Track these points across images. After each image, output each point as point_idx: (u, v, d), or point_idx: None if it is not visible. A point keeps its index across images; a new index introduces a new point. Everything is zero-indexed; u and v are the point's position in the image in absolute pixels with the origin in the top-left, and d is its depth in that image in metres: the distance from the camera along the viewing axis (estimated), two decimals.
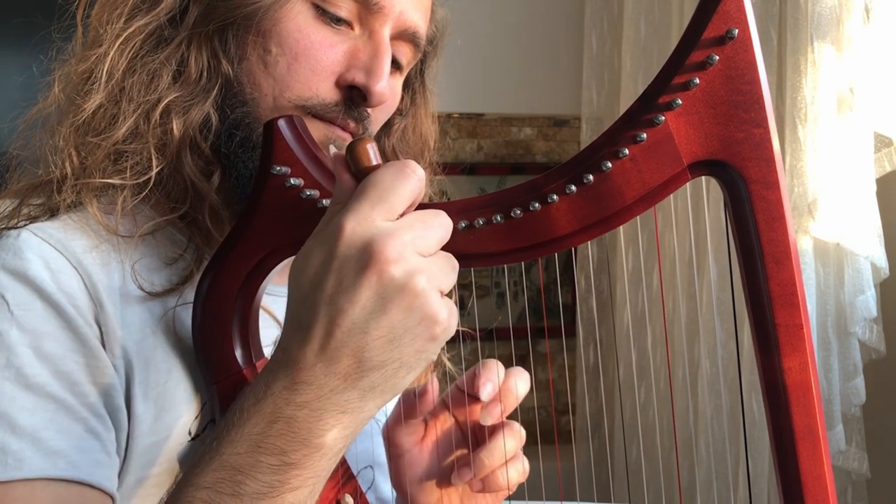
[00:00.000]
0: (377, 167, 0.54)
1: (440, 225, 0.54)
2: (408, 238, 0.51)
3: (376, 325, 0.50)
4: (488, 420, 0.70)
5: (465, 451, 0.74)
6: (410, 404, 0.70)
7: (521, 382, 0.72)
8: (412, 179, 0.53)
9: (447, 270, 0.54)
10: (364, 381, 0.52)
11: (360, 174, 0.54)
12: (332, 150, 0.64)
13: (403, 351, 0.51)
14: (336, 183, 0.55)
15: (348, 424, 0.53)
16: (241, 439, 0.53)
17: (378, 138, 0.81)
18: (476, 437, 0.74)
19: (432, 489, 0.74)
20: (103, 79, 0.69)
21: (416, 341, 0.52)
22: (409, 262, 0.51)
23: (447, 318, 0.52)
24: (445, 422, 0.74)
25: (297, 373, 0.52)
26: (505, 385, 0.71)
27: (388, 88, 0.71)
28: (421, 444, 0.74)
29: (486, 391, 0.70)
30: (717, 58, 0.56)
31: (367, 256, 0.50)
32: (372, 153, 0.55)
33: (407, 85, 0.84)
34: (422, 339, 0.52)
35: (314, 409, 0.52)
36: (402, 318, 0.51)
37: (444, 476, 0.74)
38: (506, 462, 0.71)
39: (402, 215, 0.53)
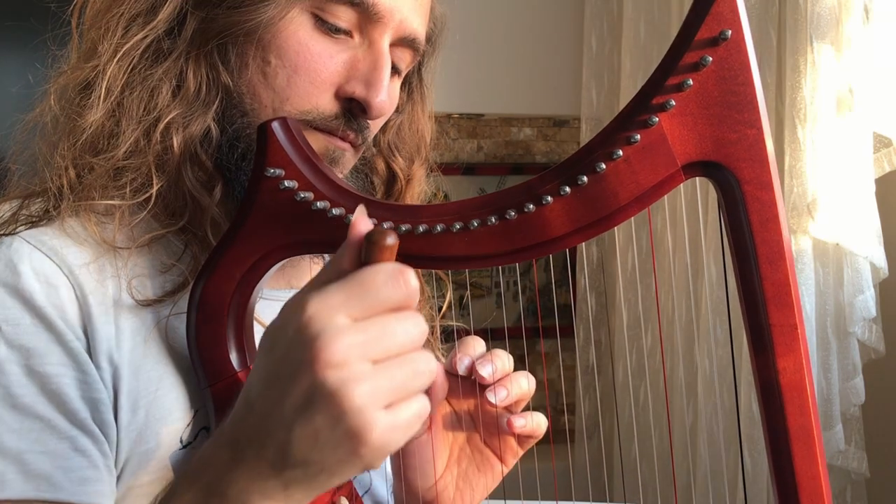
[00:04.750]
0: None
1: (404, 332, 0.48)
2: (357, 341, 0.46)
3: (300, 425, 0.47)
4: (492, 398, 0.70)
5: (463, 433, 0.74)
6: None
7: (506, 358, 0.71)
8: (401, 290, 0.48)
9: (405, 379, 0.48)
10: (286, 474, 0.49)
11: (365, 264, 0.50)
12: (361, 209, 0.57)
13: (325, 457, 0.48)
14: (337, 256, 0.51)
15: None
16: None
17: (375, 135, 0.81)
18: (474, 420, 0.74)
19: (429, 474, 0.73)
20: (102, 95, 0.68)
21: (338, 452, 0.47)
22: (351, 369, 0.46)
23: (378, 437, 0.46)
24: (443, 408, 0.74)
25: (235, 449, 0.51)
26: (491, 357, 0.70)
27: (387, 101, 0.71)
28: (426, 432, 0.73)
29: (462, 365, 0.69)
30: (711, 59, 0.57)
31: (309, 351, 0.46)
32: (393, 255, 0.50)
33: (404, 82, 0.84)
34: (344, 452, 0.47)
35: (242, 489, 0.50)
36: (326, 426, 0.46)
37: (440, 459, 0.73)
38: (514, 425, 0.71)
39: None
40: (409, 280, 0.48)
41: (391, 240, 0.49)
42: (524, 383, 0.72)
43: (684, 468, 1.88)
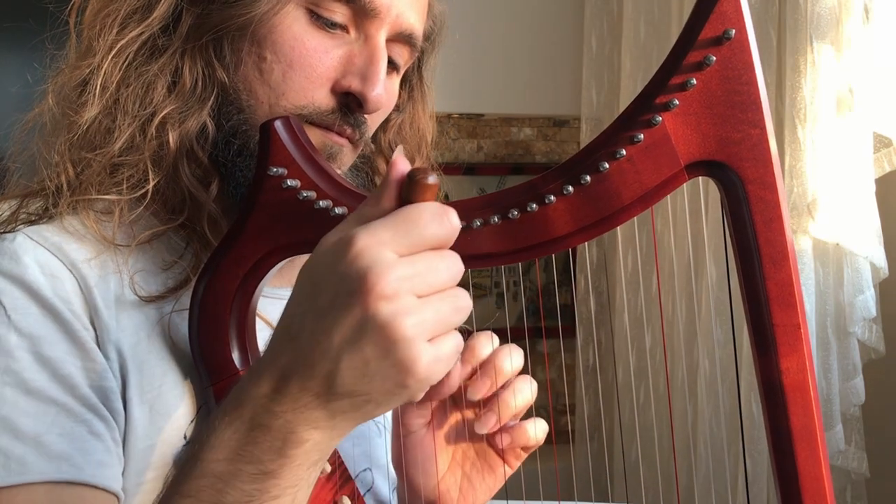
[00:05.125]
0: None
1: (447, 268, 0.50)
2: (406, 274, 0.48)
3: (349, 355, 0.48)
4: (476, 396, 0.70)
5: (466, 434, 0.73)
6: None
7: (510, 358, 0.71)
8: (446, 228, 0.50)
9: (448, 313, 0.50)
10: (332, 404, 0.50)
11: (406, 202, 0.51)
12: (399, 150, 0.59)
13: (373, 388, 0.49)
14: (377, 194, 0.52)
15: (320, 441, 0.52)
16: (222, 445, 0.52)
17: (375, 134, 0.81)
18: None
19: (431, 472, 0.73)
20: (97, 91, 0.68)
21: (385, 383, 0.49)
22: (401, 301, 0.48)
23: (425, 369, 0.48)
24: (446, 410, 0.73)
25: (277, 381, 0.51)
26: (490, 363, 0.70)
27: (383, 95, 0.71)
28: (427, 427, 0.73)
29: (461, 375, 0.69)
30: (714, 58, 0.56)
31: (361, 284, 0.48)
32: (434, 194, 0.52)
33: (404, 81, 0.83)
34: (392, 383, 0.49)
35: (288, 420, 0.51)
36: (376, 356, 0.48)
37: (442, 457, 0.73)
38: (515, 419, 0.70)
39: None
40: (453, 219, 0.51)
41: (433, 179, 0.51)
42: (526, 394, 0.71)
43: (685, 468, 1.88)
